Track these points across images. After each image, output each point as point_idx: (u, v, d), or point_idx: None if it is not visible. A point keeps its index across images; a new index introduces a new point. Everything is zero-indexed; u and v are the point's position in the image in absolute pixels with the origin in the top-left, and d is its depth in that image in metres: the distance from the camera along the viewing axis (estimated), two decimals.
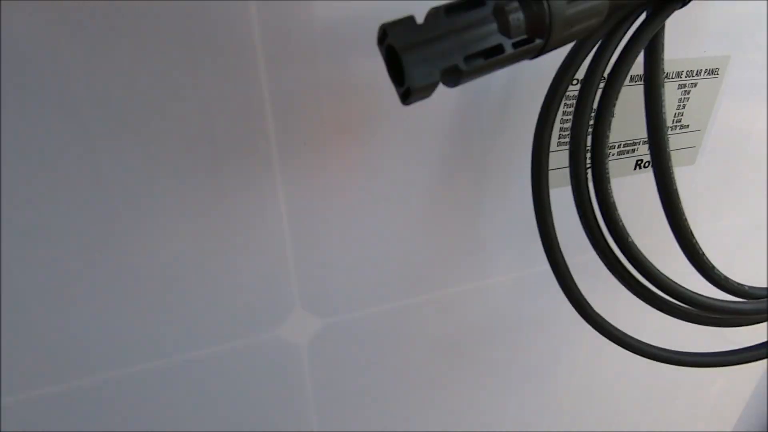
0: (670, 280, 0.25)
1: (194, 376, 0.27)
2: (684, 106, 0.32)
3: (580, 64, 0.22)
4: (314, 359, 0.30)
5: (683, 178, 0.35)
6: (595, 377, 0.44)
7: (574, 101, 0.29)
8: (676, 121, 0.33)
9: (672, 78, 0.30)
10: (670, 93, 0.31)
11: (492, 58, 0.15)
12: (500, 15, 0.14)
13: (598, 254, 0.26)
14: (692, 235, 0.23)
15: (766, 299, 0.26)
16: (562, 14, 0.15)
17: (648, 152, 0.33)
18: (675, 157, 0.34)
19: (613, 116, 0.23)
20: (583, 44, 0.21)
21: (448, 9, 0.14)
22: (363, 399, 0.33)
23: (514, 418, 0.43)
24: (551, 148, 0.30)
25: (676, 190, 0.22)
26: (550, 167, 0.30)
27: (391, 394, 0.34)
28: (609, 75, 0.22)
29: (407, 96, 0.15)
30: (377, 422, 0.35)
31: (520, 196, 0.31)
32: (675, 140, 0.33)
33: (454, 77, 0.14)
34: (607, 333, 0.29)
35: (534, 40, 0.15)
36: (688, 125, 0.33)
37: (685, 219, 0.23)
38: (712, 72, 0.32)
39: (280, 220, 0.25)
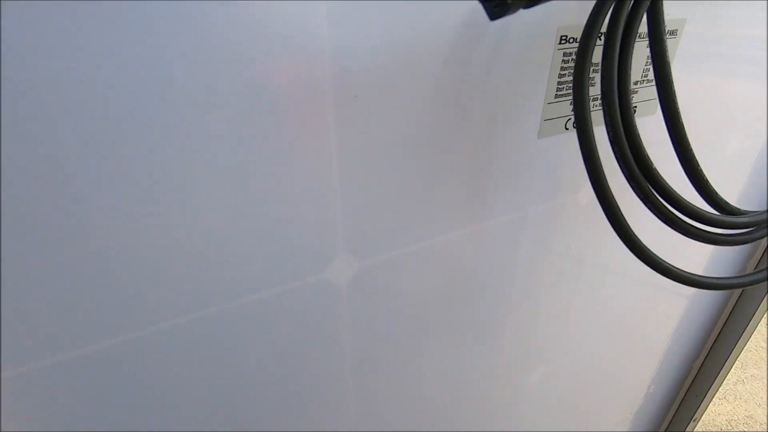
0: (687, 200, 0.30)
1: (250, 320, 0.29)
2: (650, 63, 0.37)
3: (603, 21, 0.25)
4: (353, 297, 0.33)
5: (646, 125, 0.41)
6: (572, 299, 0.51)
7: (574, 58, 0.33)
8: (644, 76, 0.38)
9: (642, 37, 0.36)
10: (641, 50, 0.36)
11: None
12: None
13: (628, 180, 0.29)
14: (698, 163, 0.28)
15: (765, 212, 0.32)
16: None
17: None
18: (642, 108, 0.40)
19: (632, 58, 0.27)
20: (603, 4, 0.25)
21: None
22: (393, 331, 0.37)
23: (515, 330, 0.49)
24: (549, 101, 0.34)
25: (683, 126, 0.27)
26: (549, 117, 0.35)
27: (416, 323, 0.39)
28: (624, 28, 0.26)
29: (503, 7, 0.18)
30: (404, 349, 0.39)
31: (521, 148, 0.35)
32: (643, 93, 0.39)
33: None
34: (655, 263, 0.32)
35: None
36: (653, 80, 0.39)
37: (692, 150, 0.28)
38: (673, 33, 0.37)
39: (332, 171, 0.27)
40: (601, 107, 0.38)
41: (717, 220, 0.33)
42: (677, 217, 0.32)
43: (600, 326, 0.60)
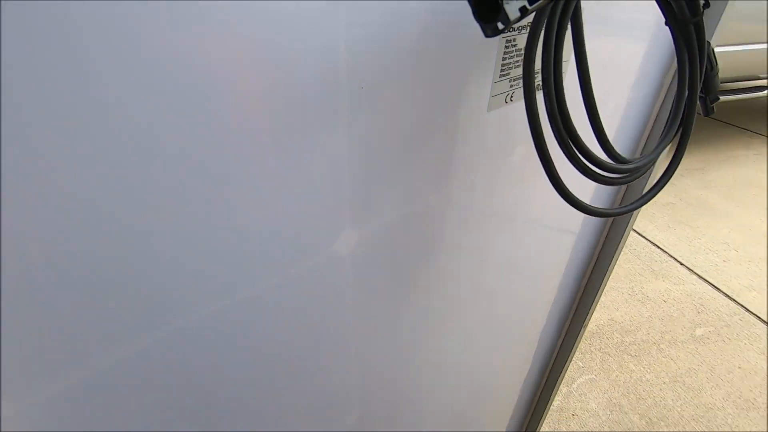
0: (599, 156, 0.39)
1: (276, 297, 0.32)
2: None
3: (544, 22, 0.32)
4: (353, 262, 0.37)
5: None
6: (506, 243, 0.61)
7: (514, 50, 0.40)
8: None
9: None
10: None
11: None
12: None
13: (559, 143, 0.37)
14: (603, 127, 0.37)
15: (646, 156, 0.43)
16: None
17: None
18: None
19: (563, 53, 0.34)
20: (546, 6, 0.31)
21: None
22: (382, 283, 0.42)
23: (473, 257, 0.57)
24: (495, 80, 0.41)
25: (593, 95, 0.36)
26: (495, 93, 0.42)
27: (398, 275, 0.44)
28: (558, 24, 0.33)
29: (496, 30, 0.23)
30: (390, 296, 0.45)
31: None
32: None
33: (522, 13, 0.24)
34: (572, 200, 0.41)
35: None
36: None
37: (600, 118, 0.37)
38: None
39: (343, 152, 0.30)
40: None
41: (614, 168, 0.44)
42: (590, 168, 0.42)
43: (521, 265, 0.72)
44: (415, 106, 0.34)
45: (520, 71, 0.41)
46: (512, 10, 0.23)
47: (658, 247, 2.33)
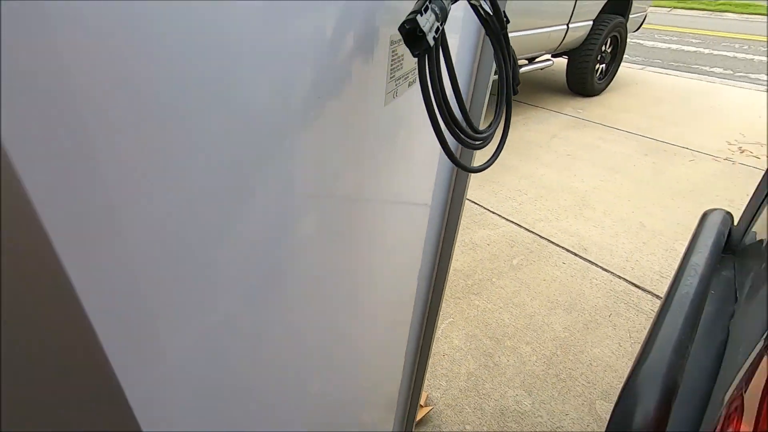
0: (468, 130, 0.54)
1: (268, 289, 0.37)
2: None
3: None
4: (313, 247, 0.44)
5: None
6: (403, 219, 0.74)
7: (396, 57, 0.51)
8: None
9: None
10: None
11: (440, 30, 0.36)
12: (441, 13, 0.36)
13: (446, 125, 0.50)
14: (466, 107, 0.52)
15: (490, 128, 0.59)
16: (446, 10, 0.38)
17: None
18: None
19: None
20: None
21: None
22: (333, 265, 0.50)
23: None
24: (387, 81, 0.51)
25: (459, 87, 0.49)
26: (387, 92, 0.52)
27: (338, 243, 0.52)
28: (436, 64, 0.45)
29: (420, 54, 0.34)
30: (329, 280, 0.52)
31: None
32: None
33: (434, 41, 0.35)
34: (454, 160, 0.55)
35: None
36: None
37: (464, 101, 0.51)
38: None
39: (307, 148, 0.37)
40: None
41: (476, 137, 0.60)
42: (464, 138, 0.57)
43: (402, 240, 0.86)
44: (343, 110, 0.42)
45: (401, 72, 0.53)
46: (430, 38, 0.35)
47: (476, 203, 2.84)
